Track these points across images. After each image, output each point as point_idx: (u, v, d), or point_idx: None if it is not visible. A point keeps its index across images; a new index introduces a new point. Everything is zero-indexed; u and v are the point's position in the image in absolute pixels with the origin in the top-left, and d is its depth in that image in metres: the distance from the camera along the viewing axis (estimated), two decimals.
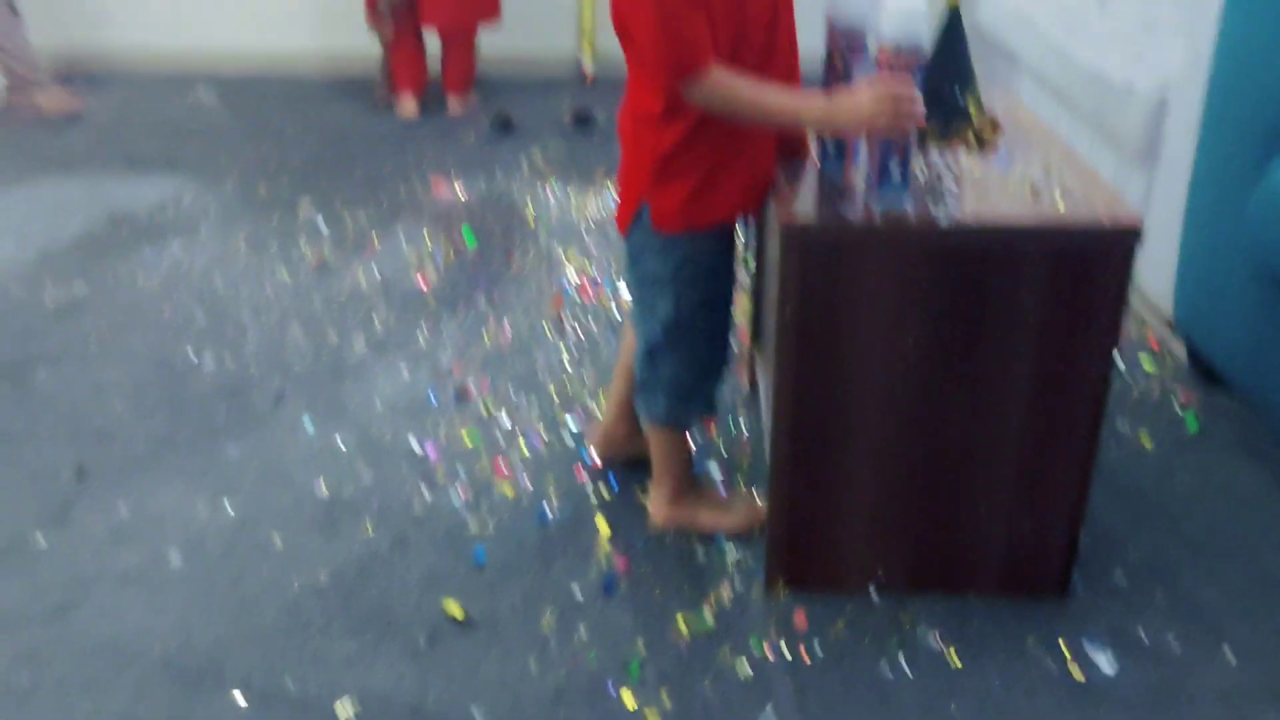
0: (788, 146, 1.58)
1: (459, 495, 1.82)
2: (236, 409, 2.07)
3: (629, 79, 1.51)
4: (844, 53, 1.46)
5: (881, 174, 1.43)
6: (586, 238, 2.81)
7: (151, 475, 1.88)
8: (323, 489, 1.84)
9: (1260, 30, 1.82)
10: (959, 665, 1.48)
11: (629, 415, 1.83)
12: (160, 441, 1.97)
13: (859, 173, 1.48)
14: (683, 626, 1.55)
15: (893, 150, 1.42)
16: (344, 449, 1.95)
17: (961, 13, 1.62)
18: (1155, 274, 2.25)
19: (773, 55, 1.47)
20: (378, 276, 2.60)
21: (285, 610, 1.58)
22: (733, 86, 1.39)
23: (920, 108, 1.37)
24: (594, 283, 2.57)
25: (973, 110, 1.63)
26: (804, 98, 1.42)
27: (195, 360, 2.24)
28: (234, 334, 2.34)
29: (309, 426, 2.01)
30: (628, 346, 1.79)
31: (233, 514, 1.78)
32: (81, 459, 1.92)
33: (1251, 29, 1.85)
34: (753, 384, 2.11)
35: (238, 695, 1.43)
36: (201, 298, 2.50)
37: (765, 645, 1.51)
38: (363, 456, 1.93)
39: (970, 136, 1.62)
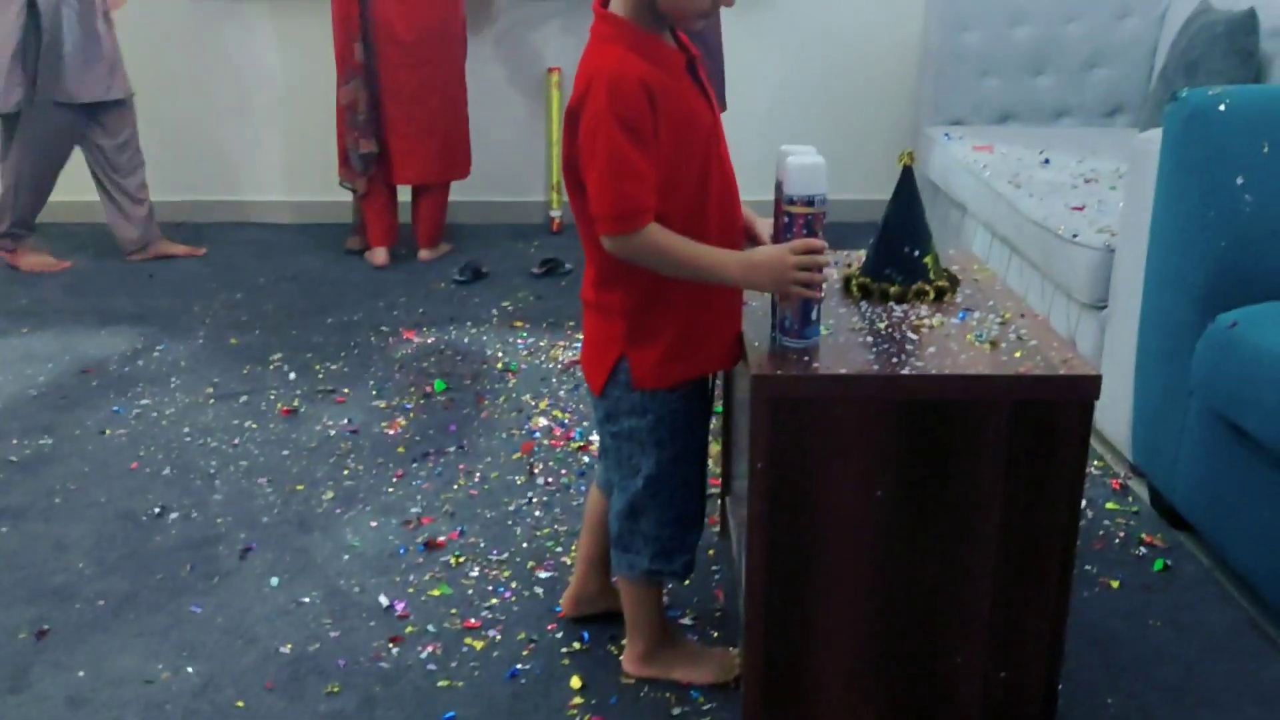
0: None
1: (428, 651, 1.79)
2: (202, 564, 2.04)
3: (583, 239, 1.55)
4: (778, 213, 1.52)
5: (804, 321, 1.49)
6: (556, 384, 2.84)
7: (112, 635, 1.83)
8: (287, 648, 1.80)
9: (1192, 193, 1.92)
10: None
11: (599, 572, 1.83)
12: (122, 599, 1.93)
13: (777, 320, 1.52)
14: None
15: (813, 301, 1.48)
16: (310, 604, 1.92)
17: (914, 168, 1.70)
18: (1114, 416, 2.30)
19: (707, 195, 1.51)
20: (347, 425, 2.60)
21: None
22: (660, 243, 1.44)
23: (827, 263, 1.45)
24: (564, 428, 2.58)
25: (930, 266, 1.70)
26: (724, 255, 1.47)
27: (160, 514, 2.21)
28: (201, 486, 2.32)
29: (274, 581, 1.98)
30: (594, 504, 1.80)
31: (194, 676, 1.73)
32: (41, 619, 1.87)
33: (1184, 191, 1.95)
34: (723, 530, 2.11)
35: None
36: (169, 449, 2.49)
37: None
38: (329, 612, 1.90)
39: (929, 292, 1.68)
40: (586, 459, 2.43)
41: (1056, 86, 3.71)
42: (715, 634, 1.84)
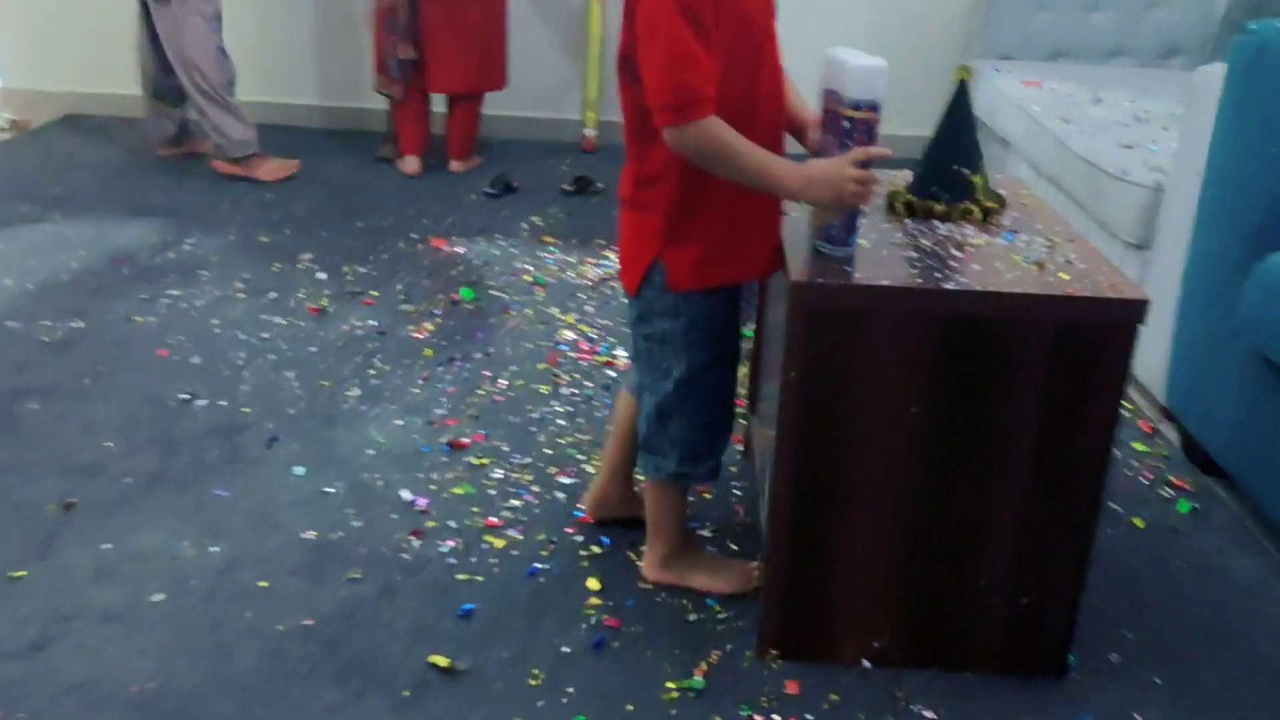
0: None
1: (449, 546, 1.80)
2: (227, 450, 2.05)
3: (628, 135, 1.52)
4: (834, 118, 1.48)
5: (850, 229, 1.47)
6: (584, 299, 2.82)
7: (138, 513, 1.85)
8: (310, 534, 1.81)
9: (1254, 127, 1.87)
10: None
11: (623, 478, 1.82)
12: (150, 479, 1.95)
13: (820, 228, 1.50)
14: (673, 689, 1.52)
15: (858, 214, 1.48)
16: (334, 495, 1.93)
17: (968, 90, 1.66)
18: (1149, 359, 2.27)
19: (755, 95, 1.48)
20: (375, 326, 2.60)
21: (267, 656, 1.54)
22: (724, 139, 1.40)
23: (875, 180, 1.43)
24: (590, 343, 2.57)
25: (978, 186, 1.66)
26: (784, 166, 1.44)
27: (188, 400, 2.22)
28: (229, 376, 2.33)
29: (299, 471, 1.99)
30: (623, 408, 1.79)
31: (219, 555, 1.75)
32: (69, 493, 1.89)
33: (1246, 126, 1.89)
34: (747, 451, 2.10)
35: None
36: (198, 339, 2.49)
37: (755, 714, 1.48)
38: (352, 503, 1.91)
39: (975, 211, 1.64)
40: (612, 373, 2.42)
41: (1112, 24, 3.61)
42: (735, 547, 1.84)
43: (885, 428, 1.47)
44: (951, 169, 1.65)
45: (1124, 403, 2.36)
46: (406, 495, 1.93)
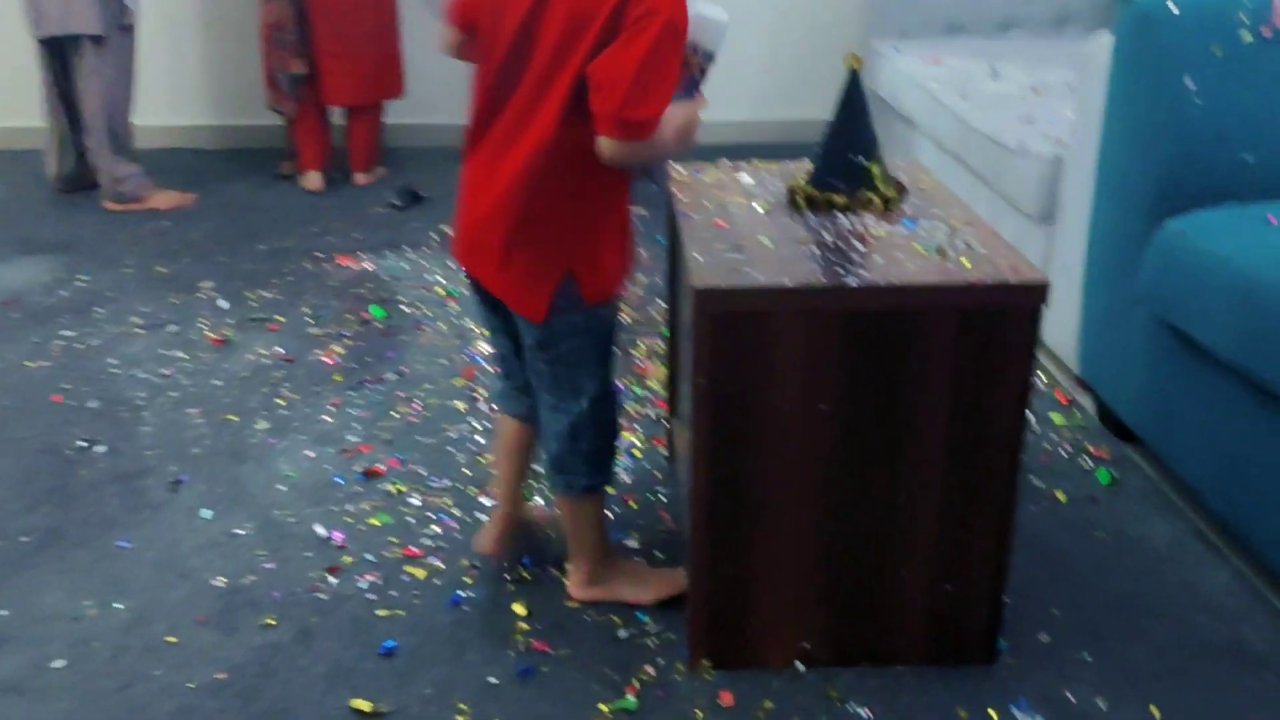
0: None
1: (367, 581, 1.74)
2: (130, 498, 1.96)
3: (539, 147, 1.43)
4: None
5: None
6: None
7: (36, 573, 1.76)
8: (220, 581, 1.74)
9: (1143, 96, 1.88)
10: None
11: (521, 501, 1.78)
12: (46, 535, 1.86)
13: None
14: (605, 711, 1.48)
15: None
16: (244, 536, 1.86)
17: (862, 82, 1.64)
18: (1060, 331, 2.29)
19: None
20: (281, 354, 2.51)
21: (179, 714, 1.48)
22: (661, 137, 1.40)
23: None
24: None
25: (876, 174, 1.64)
26: (667, 128, 1.42)
27: (86, 447, 2.13)
28: (129, 418, 2.23)
29: (207, 514, 1.92)
30: (509, 437, 1.71)
31: (124, 611, 1.67)
32: None
33: (1135, 95, 1.91)
34: (671, 453, 2.07)
35: None
36: (94, 382, 2.39)
37: None
38: (264, 544, 1.84)
39: (876, 201, 1.63)
40: None
41: None
42: (661, 555, 1.81)
43: (798, 427, 1.45)
44: (849, 159, 1.64)
45: (1040, 375, 2.38)
46: (321, 531, 1.87)
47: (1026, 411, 1.45)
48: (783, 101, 4.20)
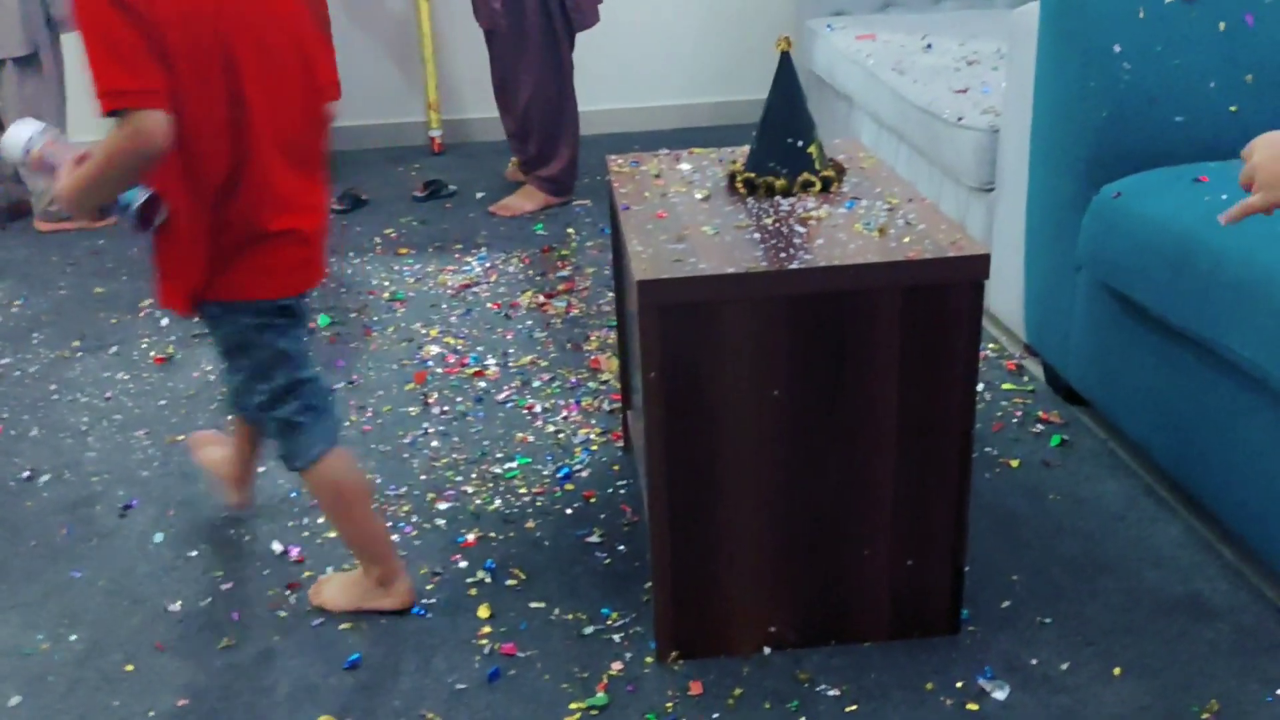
0: None
1: None
2: (78, 527, 1.92)
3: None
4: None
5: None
6: (447, 310, 2.74)
7: None
8: (177, 605, 1.71)
9: (1072, 64, 1.90)
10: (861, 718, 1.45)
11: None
12: None
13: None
14: (576, 710, 1.48)
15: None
16: (199, 558, 1.82)
17: (797, 62, 1.64)
18: (1007, 298, 2.31)
19: None
20: None
21: None
22: None
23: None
24: (458, 355, 2.50)
25: (815, 156, 1.64)
26: None
27: (30, 478, 2.08)
28: (73, 444, 2.19)
29: (158, 537, 1.88)
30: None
31: (78, 643, 1.64)
32: None
33: (1064, 63, 1.93)
34: (627, 444, 2.07)
35: None
36: (35, 409, 2.33)
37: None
38: (220, 564, 1.81)
39: (815, 183, 1.63)
40: (483, 384, 2.36)
41: None
42: (623, 548, 1.81)
43: (751, 413, 1.45)
44: (786, 142, 1.64)
45: (989, 344, 2.41)
46: (277, 546, 1.84)
47: (976, 382, 1.46)
48: (720, 83, 4.20)
